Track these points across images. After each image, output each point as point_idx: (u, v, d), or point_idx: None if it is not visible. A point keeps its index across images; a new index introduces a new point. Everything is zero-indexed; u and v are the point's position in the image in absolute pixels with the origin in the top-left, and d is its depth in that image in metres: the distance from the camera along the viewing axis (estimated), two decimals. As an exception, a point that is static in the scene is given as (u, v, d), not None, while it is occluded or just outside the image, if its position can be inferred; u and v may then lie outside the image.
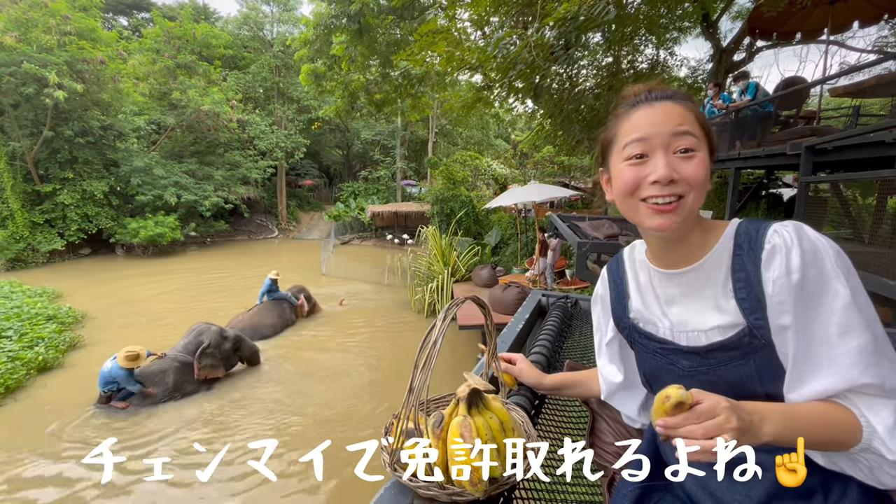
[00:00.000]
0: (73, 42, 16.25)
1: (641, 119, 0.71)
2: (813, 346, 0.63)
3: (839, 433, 0.62)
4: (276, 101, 26.71)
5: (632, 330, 0.85)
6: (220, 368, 7.09)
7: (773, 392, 0.68)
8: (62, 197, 17.41)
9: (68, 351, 8.47)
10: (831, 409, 0.63)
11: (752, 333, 0.67)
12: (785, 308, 0.64)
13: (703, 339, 0.72)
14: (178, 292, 12.61)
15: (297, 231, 27.02)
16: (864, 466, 0.63)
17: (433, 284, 11.02)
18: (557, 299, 1.89)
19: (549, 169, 21.51)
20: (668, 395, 0.56)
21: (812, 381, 0.63)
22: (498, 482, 0.72)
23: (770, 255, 0.66)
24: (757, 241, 0.68)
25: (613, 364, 0.93)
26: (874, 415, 0.60)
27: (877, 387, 0.60)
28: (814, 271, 0.63)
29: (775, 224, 0.68)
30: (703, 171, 0.69)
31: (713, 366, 0.71)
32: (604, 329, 0.94)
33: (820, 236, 0.65)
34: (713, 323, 0.71)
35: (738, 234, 0.71)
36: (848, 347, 0.60)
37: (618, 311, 0.88)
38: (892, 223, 4.03)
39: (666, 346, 0.78)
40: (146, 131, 21.29)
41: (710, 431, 0.54)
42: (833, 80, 6.67)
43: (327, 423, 6.23)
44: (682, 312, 0.76)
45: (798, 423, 0.62)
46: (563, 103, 9.12)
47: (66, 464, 5.28)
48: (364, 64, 13.00)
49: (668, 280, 0.77)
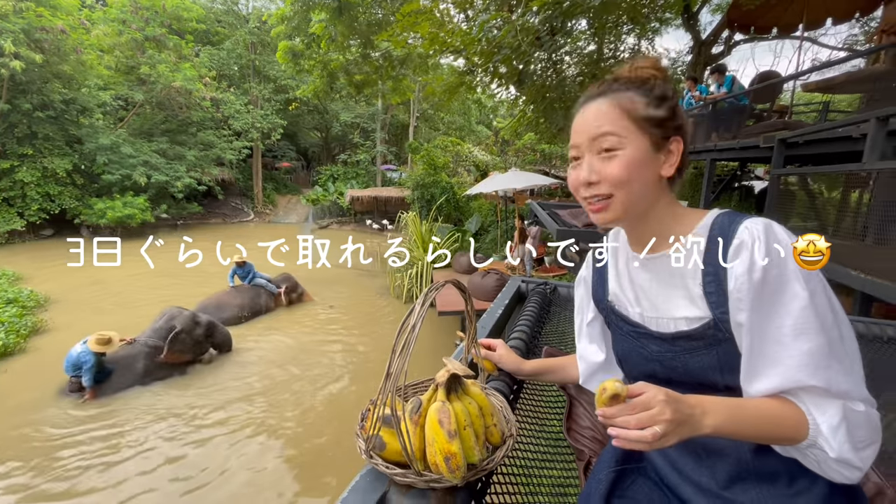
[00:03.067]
0: (29, 9, 15.20)
1: (575, 124, 0.76)
2: (765, 345, 0.64)
3: (786, 430, 0.64)
4: (251, 80, 25.75)
5: (609, 311, 0.87)
6: (189, 354, 6.95)
7: (732, 383, 0.69)
8: (21, 174, 16.44)
9: (31, 336, 8.12)
10: (779, 406, 0.64)
11: (717, 326, 0.68)
12: (742, 305, 0.65)
13: (672, 327, 0.74)
14: (146, 276, 12.19)
15: (274, 214, 26.40)
16: (812, 461, 0.65)
17: (412, 271, 10.98)
18: (537, 286, 1.90)
19: (530, 157, 21.57)
20: (604, 388, 0.59)
21: (762, 378, 0.65)
22: (476, 468, 0.71)
23: (736, 250, 0.66)
24: (728, 235, 0.68)
25: (594, 344, 0.94)
26: (820, 413, 0.62)
27: (822, 389, 0.62)
28: (776, 271, 0.63)
29: (748, 220, 0.68)
30: (623, 170, 0.70)
31: (678, 353, 0.73)
32: (585, 310, 0.95)
33: (788, 235, 0.65)
34: (681, 313, 0.73)
35: (714, 226, 0.71)
36: (800, 349, 0.62)
37: (598, 292, 0.90)
38: (854, 216, 4.21)
39: (638, 330, 0.79)
40: (112, 107, 20.23)
41: (642, 422, 0.56)
42: (805, 76, 6.86)
43: (303, 409, 6.19)
44: (653, 298, 0.77)
45: (743, 418, 0.63)
46: (545, 90, 9.11)
47: (32, 447, 5.10)
48: (344, 44, 12.62)
49: (642, 265, 0.79)
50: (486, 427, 0.77)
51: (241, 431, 5.62)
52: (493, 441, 0.78)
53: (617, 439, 0.57)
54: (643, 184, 0.72)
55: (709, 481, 0.72)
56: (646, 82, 0.73)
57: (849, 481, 0.64)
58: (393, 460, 0.72)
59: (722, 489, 0.71)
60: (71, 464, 4.94)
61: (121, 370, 6.38)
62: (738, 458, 0.71)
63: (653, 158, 0.72)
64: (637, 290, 0.80)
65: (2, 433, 5.41)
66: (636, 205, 0.73)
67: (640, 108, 0.71)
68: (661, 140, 0.72)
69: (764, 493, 0.68)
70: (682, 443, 0.75)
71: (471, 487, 0.74)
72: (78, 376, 6.06)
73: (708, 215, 0.73)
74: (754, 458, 0.70)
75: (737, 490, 0.70)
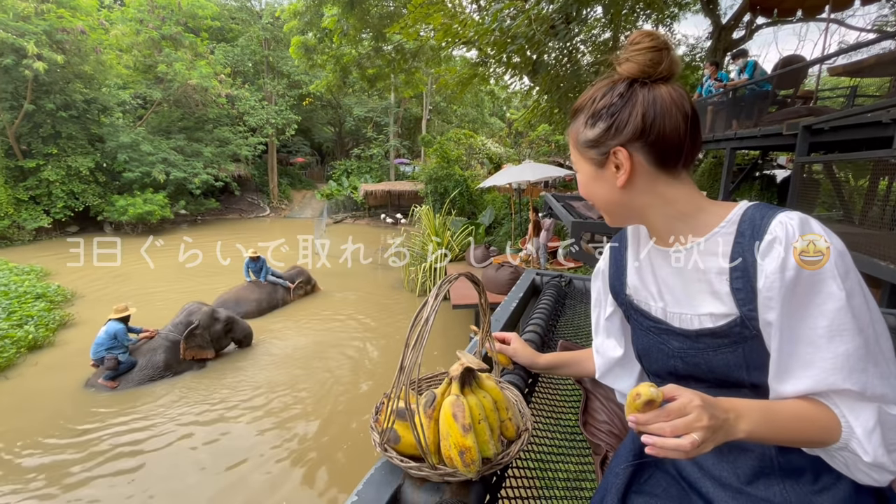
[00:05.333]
0: (51, 10, 15.59)
1: None
2: (798, 346, 0.61)
3: (818, 433, 0.61)
4: (265, 76, 26.00)
5: (628, 306, 0.84)
6: (208, 349, 7.08)
7: (758, 381, 0.67)
8: (46, 173, 16.98)
9: (59, 329, 8.41)
10: (811, 409, 0.62)
11: (744, 324, 0.66)
12: (772, 304, 0.62)
13: (696, 324, 0.71)
14: (168, 271, 12.48)
15: (289, 209, 26.73)
16: (840, 462, 0.63)
17: (426, 264, 11.01)
18: (552, 278, 1.88)
19: (544, 148, 21.32)
20: (638, 393, 0.56)
21: (793, 380, 0.63)
22: (491, 462, 0.71)
23: (768, 247, 0.63)
24: (760, 229, 0.65)
25: (612, 339, 0.92)
26: (854, 417, 0.60)
27: (857, 393, 0.59)
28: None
29: (781, 213, 0.64)
30: (582, 189, 0.78)
31: (701, 350, 0.70)
32: (603, 304, 0.93)
33: (826, 232, 0.62)
34: (706, 309, 0.70)
35: (743, 219, 0.67)
36: (835, 352, 0.59)
37: (615, 286, 0.87)
38: (882, 204, 4.06)
39: (659, 326, 0.77)
40: (132, 106, 20.69)
41: (678, 429, 0.54)
42: (832, 59, 6.60)
43: (319, 403, 6.29)
44: (676, 293, 0.74)
45: (776, 421, 0.61)
46: (560, 80, 8.97)
47: (61, 442, 5.31)
48: (356, 37, 12.63)
49: (664, 259, 0.76)
50: (500, 421, 0.77)
51: (255, 424, 5.74)
52: (508, 435, 0.78)
53: (651, 447, 0.55)
54: (606, 199, 0.75)
55: (730, 476, 0.70)
56: (590, 101, 0.73)
57: (878, 484, 0.62)
58: (407, 454, 0.72)
59: (744, 484, 0.69)
60: (98, 451, 5.13)
61: (143, 363, 6.57)
62: (762, 454, 0.69)
63: (599, 176, 0.73)
64: (660, 284, 0.77)
65: (34, 424, 5.64)
66: (621, 214, 0.76)
67: (580, 134, 0.74)
68: (600, 158, 0.72)
69: (788, 489, 0.66)
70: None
71: (485, 481, 0.74)
72: (106, 357, 6.26)
73: (737, 208, 0.70)
74: (779, 454, 0.68)
75: (760, 485, 0.68)
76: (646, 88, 0.69)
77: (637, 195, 0.72)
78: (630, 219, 0.78)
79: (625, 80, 0.70)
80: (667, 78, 0.70)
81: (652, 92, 0.68)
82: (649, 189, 0.71)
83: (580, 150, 0.74)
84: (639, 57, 0.69)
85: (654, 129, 0.67)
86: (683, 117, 0.68)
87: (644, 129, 0.68)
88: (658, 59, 0.69)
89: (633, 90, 0.69)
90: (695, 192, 0.72)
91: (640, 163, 0.69)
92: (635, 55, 0.69)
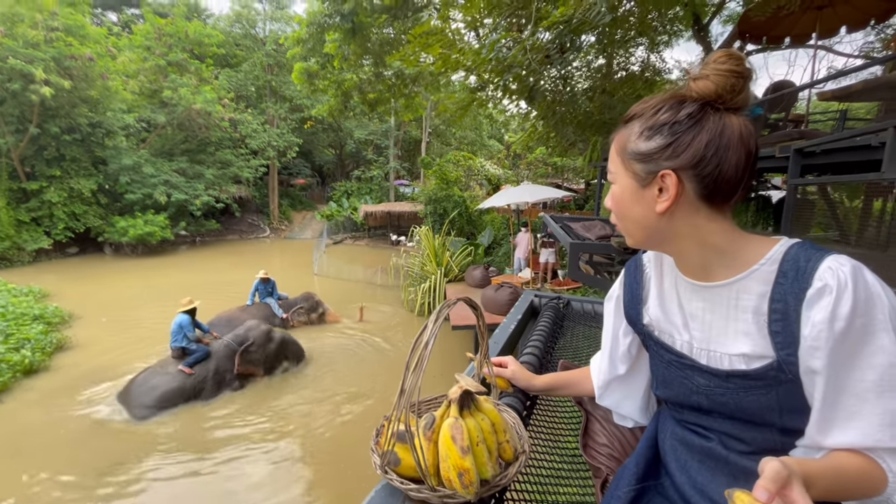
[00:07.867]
0: (60, 38, 15.99)
1: None
2: (844, 397, 0.58)
3: (864, 487, 0.59)
4: (268, 100, 26.53)
5: (646, 336, 0.81)
6: (259, 367, 7.18)
7: (790, 425, 0.64)
8: (49, 195, 17.12)
9: (55, 353, 8.33)
10: (859, 463, 0.59)
11: (781, 368, 0.62)
12: (818, 354, 0.58)
13: (726, 364, 0.67)
14: (168, 292, 12.44)
15: (289, 230, 26.85)
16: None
17: (426, 285, 11.00)
18: (550, 300, 1.90)
19: (541, 170, 21.61)
20: (741, 500, 0.50)
21: (837, 432, 0.59)
22: (489, 484, 0.72)
23: (817, 295, 0.58)
24: (805, 273, 0.60)
25: (616, 358, 0.90)
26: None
27: None
28: (861, 320, 0.56)
29: (829, 258, 0.60)
30: (612, 204, 0.72)
31: (731, 390, 0.67)
32: (616, 329, 0.90)
33: (878, 282, 0.58)
34: (739, 349, 0.66)
35: (786, 258, 0.63)
36: (884, 407, 0.56)
37: (631, 314, 0.84)
38: (877, 225, 4.11)
39: (683, 361, 0.73)
40: (136, 129, 21.03)
41: None
42: (821, 84, 6.77)
43: (317, 424, 6.19)
44: (706, 329, 0.70)
45: (834, 481, 0.57)
46: (556, 105, 9.16)
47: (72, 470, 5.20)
48: (357, 63, 12.94)
49: (694, 292, 0.71)
50: (498, 443, 0.78)
51: (255, 445, 5.65)
52: (506, 457, 0.78)
53: None
54: (637, 220, 0.69)
55: None
56: (652, 110, 0.67)
57: None
58: (407, 476, 0.72)
59: None
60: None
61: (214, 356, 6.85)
62: None
63: (639, 195, 0.67)
64: (686, 317, 0.73)
65: (35, 449, 5.52)
66: (649, 238, 0.70)
67: (630, 143, 0.67)
68: (646, 176, 0.66)
69: None
70: (712, 462, 0.71)
71: (484, 503, 0.75)
72: (176, 347, 6.62)
73: (778, 245, 0.65)
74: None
75: None
76: (718, 115, 0.63)
77: (674, 223, 0.67)
78: (659, 245, 0.72)
79: (696, 100, 0.64)
80: (738, 109, 0.64)
81: (723, 120, 0.63)
82: (688, 220, 0.66)
83: (625, 161, 0.68)
84: (719, 78, 0.63)
85: (713, 160, 0.62)
86: (747, 155, 0.63)
87: (703, 158, 0.62)
88: (739, 87, 0.63)
89: (705, 113, 0.63)
90: (733, 227, 0.68)
91: (688, 192, 0.64)
92: (715, 75, 0.63)
